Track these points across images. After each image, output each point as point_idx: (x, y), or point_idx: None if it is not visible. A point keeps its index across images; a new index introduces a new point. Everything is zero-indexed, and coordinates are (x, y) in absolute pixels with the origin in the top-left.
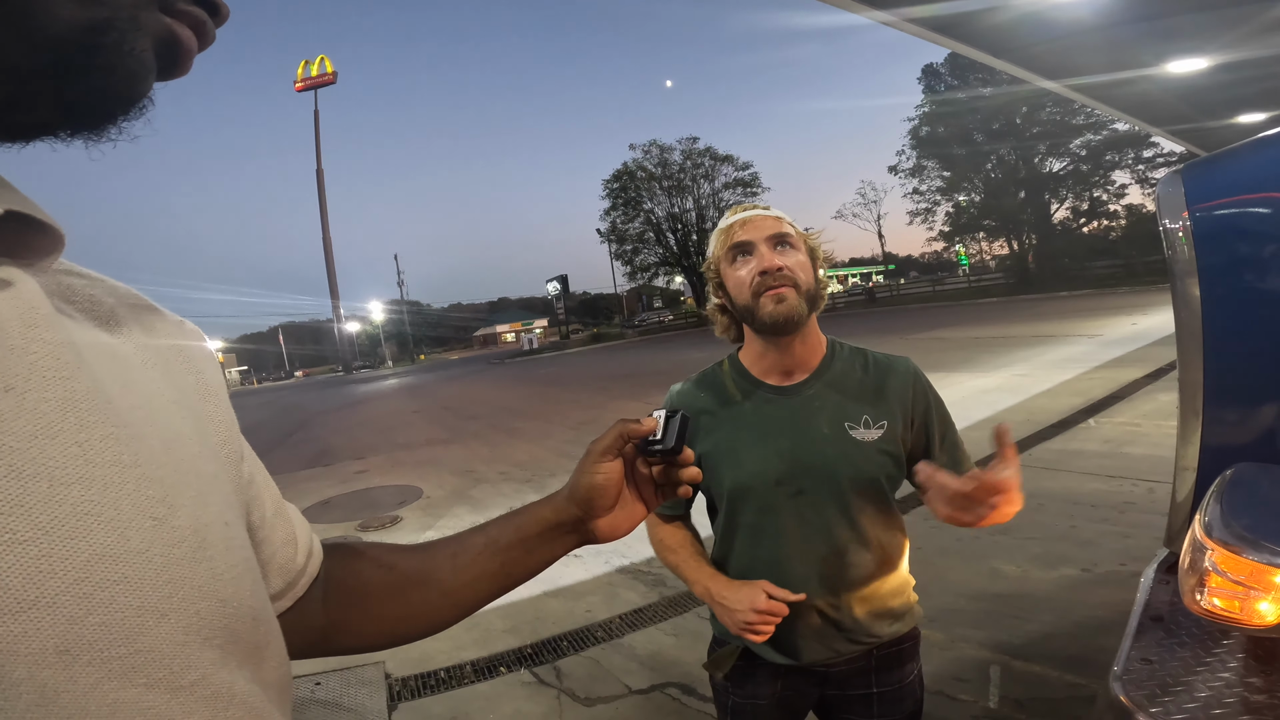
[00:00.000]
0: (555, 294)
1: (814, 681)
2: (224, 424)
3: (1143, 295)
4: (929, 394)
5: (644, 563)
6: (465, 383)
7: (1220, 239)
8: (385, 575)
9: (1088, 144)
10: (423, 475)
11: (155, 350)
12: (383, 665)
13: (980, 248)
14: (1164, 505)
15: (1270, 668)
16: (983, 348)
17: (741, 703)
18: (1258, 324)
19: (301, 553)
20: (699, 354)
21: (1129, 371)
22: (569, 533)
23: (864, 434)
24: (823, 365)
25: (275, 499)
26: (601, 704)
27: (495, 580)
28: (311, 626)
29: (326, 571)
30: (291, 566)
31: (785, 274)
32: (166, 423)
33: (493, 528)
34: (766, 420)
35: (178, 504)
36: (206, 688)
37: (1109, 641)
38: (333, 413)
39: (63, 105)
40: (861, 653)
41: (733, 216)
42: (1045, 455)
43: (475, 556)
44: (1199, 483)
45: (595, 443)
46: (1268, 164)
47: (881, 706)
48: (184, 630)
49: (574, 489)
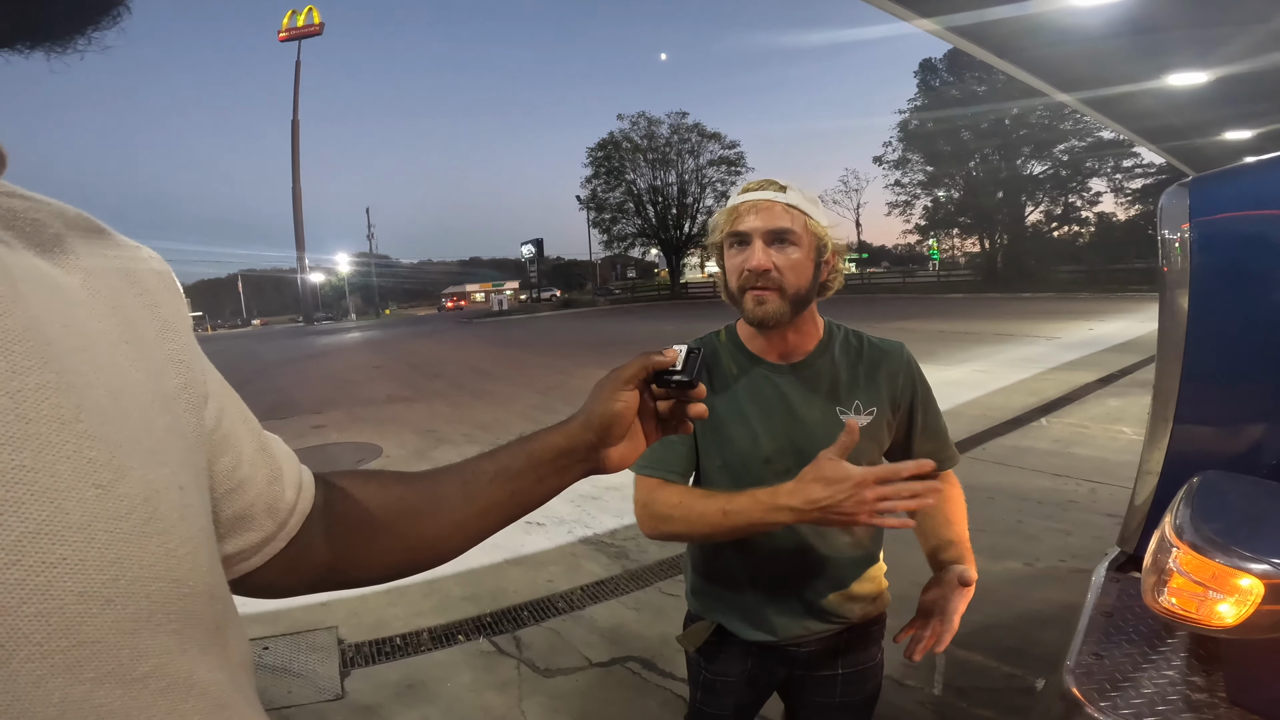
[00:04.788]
0: (529, 257)
1: (783, 660)
2: (185, 365)
3: (1101, 302)
4: (918, 382)
5: (607, 534)
6: (431, 340)
7: (1216, 253)
8: (395, 505)
9: (1071, 149)
10: (383, 433)
11: (105, 281)
12: (335, 630)
13: (953, 244)
14: (1105, 505)
15: (1211, 667)
16: (947, 342)
17: (712, 678)
18: (1237, 341)
19: (290, 488)
20: (670, 325)
21: (1082, 375)
22: (580, 461)
23: (853, 419)
24: (819, 348)
25: (255, 434)
26: (561, 675)
27: (505, 509)
28: (314, 564)
29: (329, 503)
30: (280, 505)
31: (772, 277)
32: (115, 367)
33: (503, 455)
34: (760, 397)
35: (126, 467)
36: (162, 679)
37: (1046, 635)
38: (290, 364)
39: (24, 7)
40: (832, 633)
41: (742, 196)
42: (998, 451)
43: (486, 485)
44: (1160, 487)
45: (618, 371)
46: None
47: (845, 688)
48: (133, 617)
49: (590, 415)
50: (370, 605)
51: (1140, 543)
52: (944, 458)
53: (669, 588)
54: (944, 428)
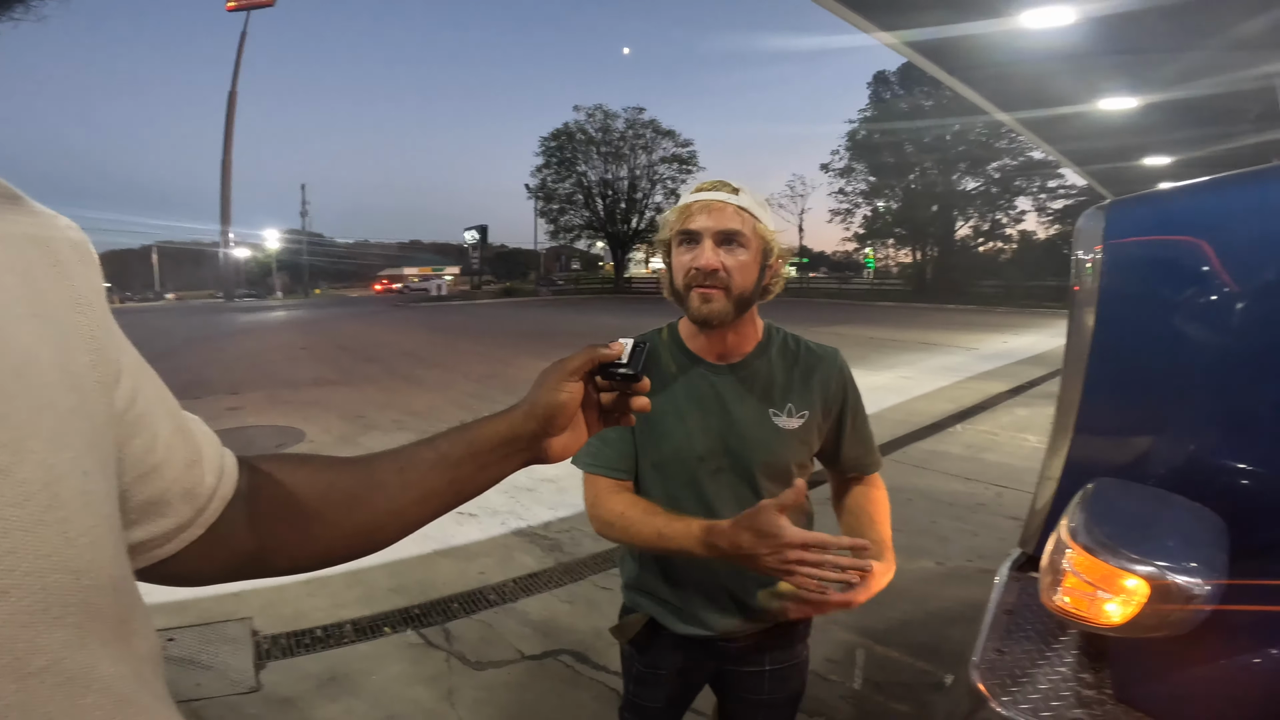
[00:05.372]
0: (473, 243)
1: (713, 655)
2: (97, 341)
3: (1017, 316)
4: (849, 388)
5: (541, 526)
6: (364, 322)
7: (1123, 276)
8: (327, 491)
9: (1003, 168)
10: (306, 417)
11: (15, 249)
12: (249, 622)
13: (888, 253)
14: (1010, 509)
15: (1099, 664)
16: (876, 347)
17: (644, 671)
18: (1135, 360)
19: (210, 472)
20: (612, 319)
21: (995, 385)
22: (522, 450)
23: (786, 422)
24: (757, 350)
25: (173, 415)
26: (492, 668)
27: (443, 498)
28: (237, 551)
29: (254, 489)
30: (199, 490)
31: (720, 276)
32: (18, 342)
33: (443, 442)
34: (696, 396)
35: (26, 449)
36: (60, 673)
37: (955, 632)
38: (206, 341)
39: None
40: (761, 629)
41: (694, 195)
42: (917, 454)
43: (425, 472)
44: (1059, 493)
45: (564, 361)
46: (1185, 210)
47: (772, 683)
48: (29, 609)
49: (534, 404)
50: (288, 596)
51: (1039, 544)
52: (869, 463)
53: (603, 581)
54: (870, 434)
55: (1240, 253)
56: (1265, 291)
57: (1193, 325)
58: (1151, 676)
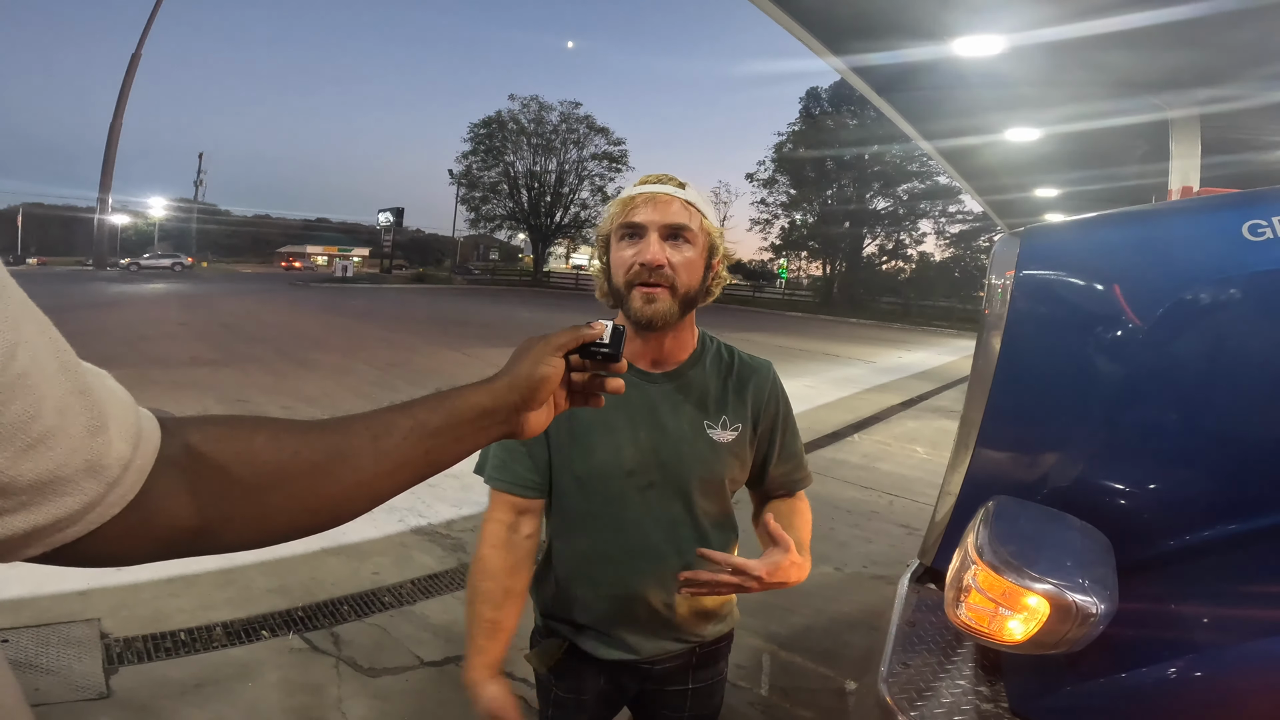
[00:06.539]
0: (386, 225)
1: (636, 677)
2: None
3: (912, 334)
4: (780, 401)
5: (443, 524)
6: (256, 300)
7: (1032, 302)
8: (289, 461)
9: (911, 190)
10: (178, 399)
11: None
12: (98, 623)
13: (800, 265)
14: (900, 516)
15: (994, 677)
16: (784, 356)
17: (564, 696)
18: (1035, 383)
19: (122, 440)
20: (527, 313)
21: (889, 397)
22: (501, 422)
23: (720, 435)
24: (691, 359)
25: (69, 375)
26: (388, 675)
27: (417, 468)
28: (173, 527)
29: (196, 456)
30: (107, 462)
31: (664, 273)
32: None
33: (419, 409)
34: (627, 405)
35: None
36: None
37: (855, 638)
38: (67, 312)
39: None
40: (685, 650)
41: (639, 187)
42: (818, 462)
43: (400, 441)
44: (957, 507)
45: (550, 337)
46: (1094, 244)
47: (694, 701)
48: None
49: (516, 376)
50: (144, 596)
51: (938, 556)
52: (798, 478)
53: None
54: (801, 449)
55: (1138, 287)
56: (1156, 324)
57: (1091, 353)
58: (1044, 690)
